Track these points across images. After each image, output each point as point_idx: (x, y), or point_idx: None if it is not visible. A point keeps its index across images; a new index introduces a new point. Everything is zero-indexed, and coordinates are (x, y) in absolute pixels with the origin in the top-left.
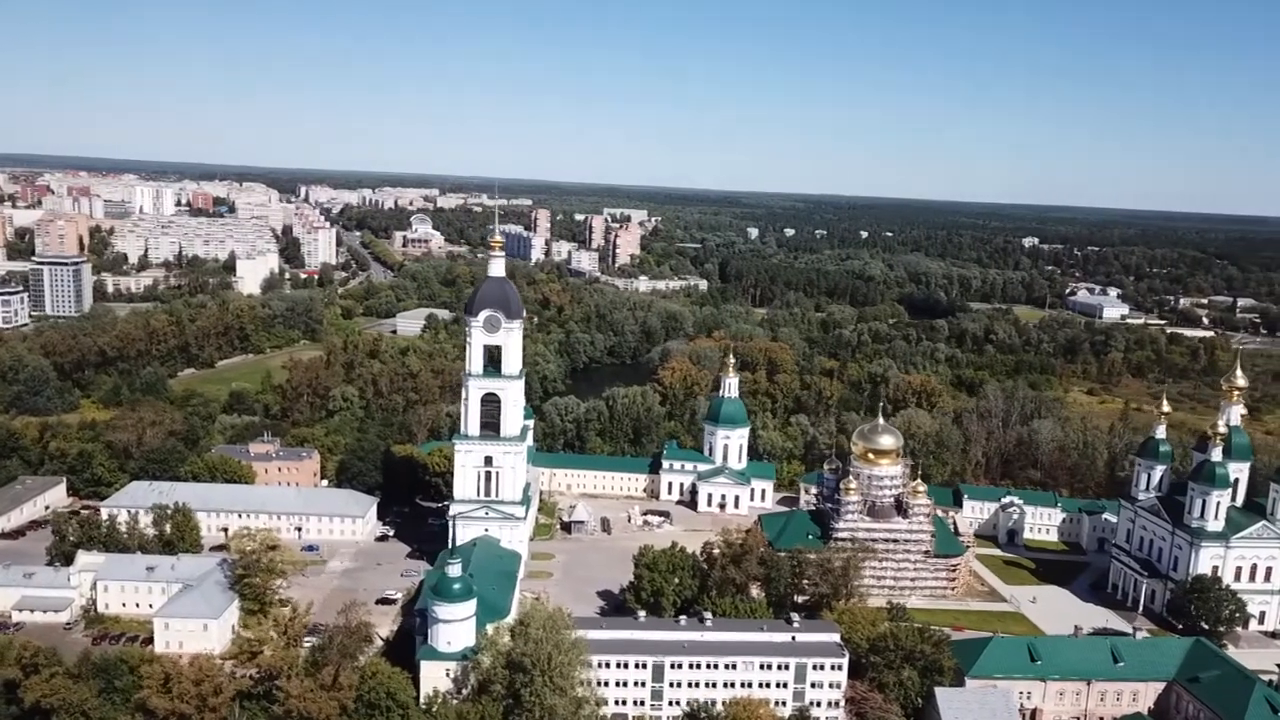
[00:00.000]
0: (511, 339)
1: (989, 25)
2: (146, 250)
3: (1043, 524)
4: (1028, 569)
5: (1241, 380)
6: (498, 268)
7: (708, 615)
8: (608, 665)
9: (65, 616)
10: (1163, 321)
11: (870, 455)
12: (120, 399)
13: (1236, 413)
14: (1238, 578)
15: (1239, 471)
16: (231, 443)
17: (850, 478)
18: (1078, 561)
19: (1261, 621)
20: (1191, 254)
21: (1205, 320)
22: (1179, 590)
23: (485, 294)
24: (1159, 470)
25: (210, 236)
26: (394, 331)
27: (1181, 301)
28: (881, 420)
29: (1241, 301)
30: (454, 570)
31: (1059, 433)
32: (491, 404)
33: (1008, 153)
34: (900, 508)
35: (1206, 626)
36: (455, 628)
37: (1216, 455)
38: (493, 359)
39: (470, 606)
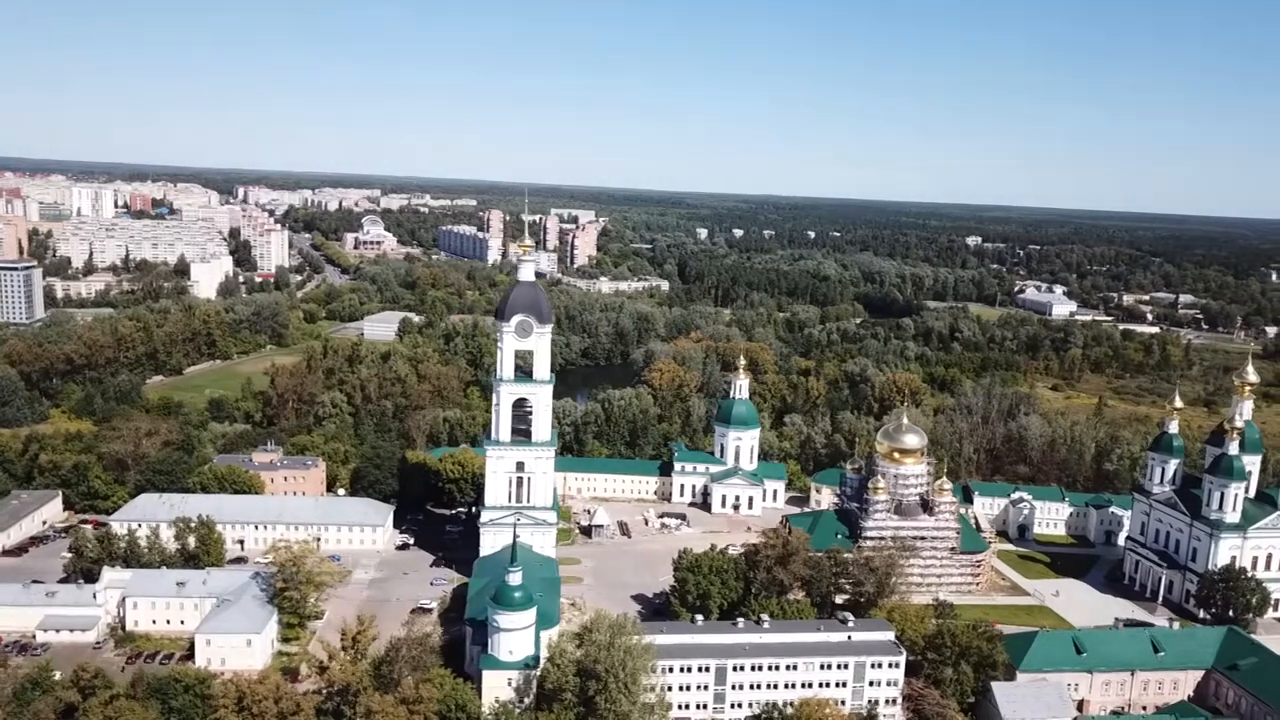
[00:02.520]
0: (543, 344)
1: (919, 29)
2: (92, 254)
3: (1051, 518)
4: (1043, 563)
5: (1253, 376)
6: (528, 272)
7: (765, 617)
8: (671, 670)
9: (93, 636)
10: (1109, 318)
11: (896, 454)
12: (93, 409)
13: (1248, 408)
14: (1253, 567)
15: (1252, 464)
16: (224, 452)
17: (878, 477)
18: (1088, 555)
19: (1275, 609)
20: (1129, 252)
21: (1150, 316)
22: (1206, 580)
23: (517, 299)
24: (1173, 464)
25: (158, 239)
26: (361, 335)
27: (1125, 298)
28: (905, 420)
29: (1183, 298)
30: (515, 578)
31: (1047, 428)
32: (523, 409)
33: (942, 154)
34: (926, 505)
35: (1233, 615)
36: (517, 636)
37: (1234, 449)
38: (523, 364)
39: (531, 615)
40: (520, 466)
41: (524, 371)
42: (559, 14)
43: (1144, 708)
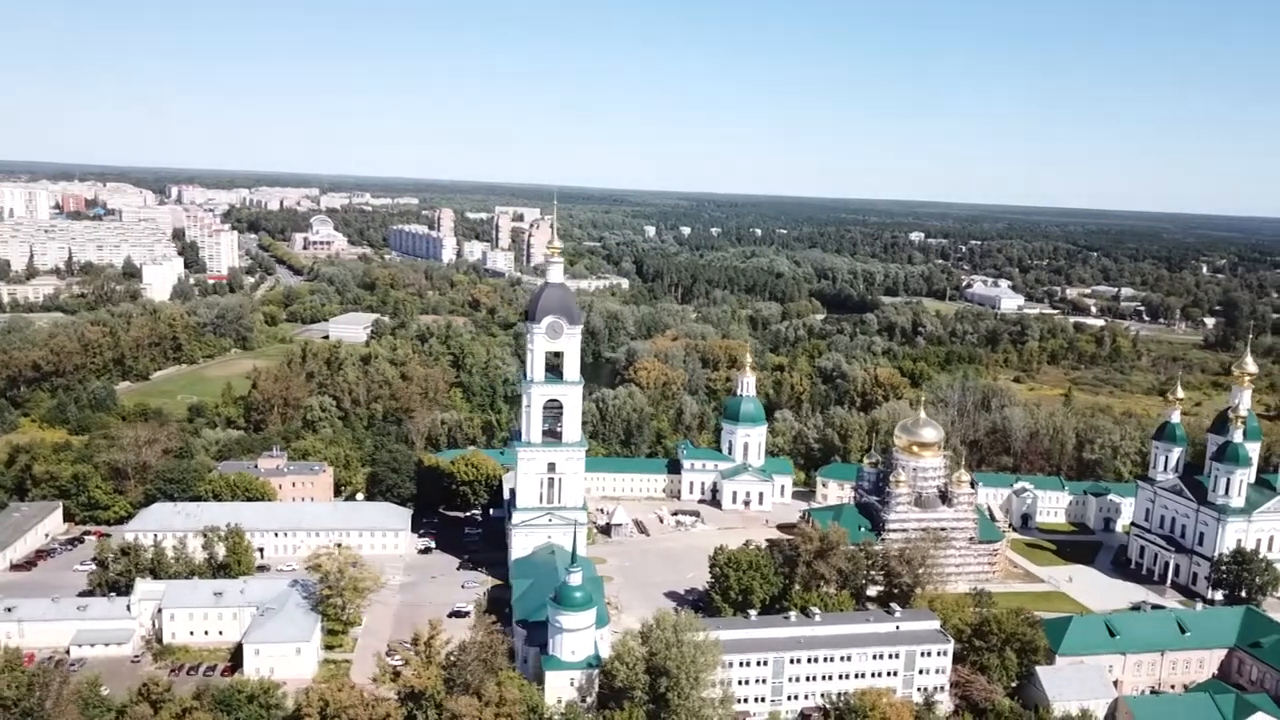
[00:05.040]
0: (573, 345)
1: (851, 28)
2: (32, 256)
3: (1051, 507)
4: (1050, 550)
5: (1252, 366)
6: (556, 274)
7: (815, 611)
8: (730, 664)
9: (129, 649)
10: (1055, 311)
11: (914, 448)
12: (67, 417)
13: (1248, 397)
14: (1257, 549)
15: (1252, 451)
16: (218, 459)
17: (898, 470)
18: (1091, 541)
19: (1277, 588)
20: (1066, 246)
21: (1094, 309)
22: (1220, 562)
23: (548, 300)
24: (1176, 452)
25: (102, 241)
26: (326, 337)
27: (1068, 292)
28: (923, 414)
29: (1124, 291)
30: (576, 579)
31: (1029, 419)
32: (553, 410)
33: (877, 151)
34: (944, 497)
35: (1246, 595)
36: (578, 636)
37: (1238, 436)
38: (553, 365)
39: (592, 615)
40: (551, 467)
41: (555, 373)
42: (490, 8)
43: (1172, 686)
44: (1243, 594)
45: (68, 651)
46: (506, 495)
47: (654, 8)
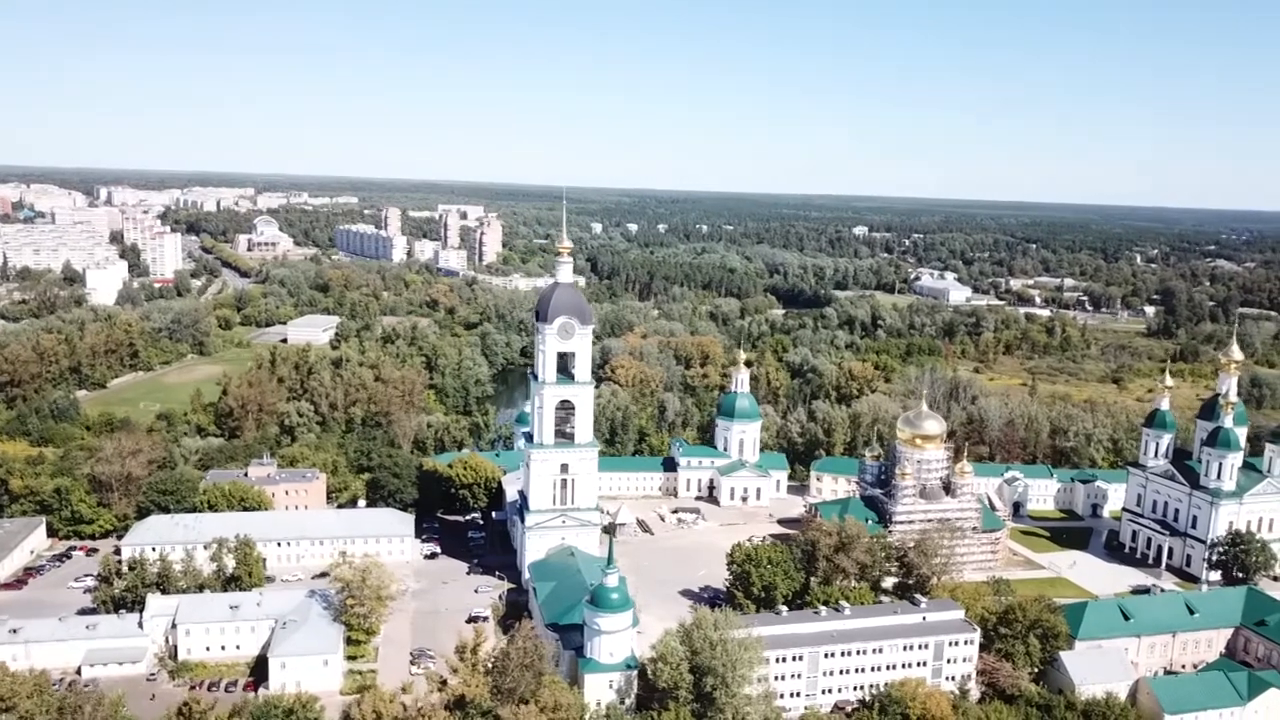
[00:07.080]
0: (584, 345)
1: (778, 21)
2: None
3: (1041, 495)
4: (1045, 537)
5: (1238, 354)
6: (566, 274)
7: (844, 605)
8: (767, 660)
9: (143, 668)
10: (1001, 302)
11: (917, 441)
12: (27, 428)
13: (1235, 383)
14: (1249, 530)
15: (1241, 436)
16: (201, 468)
17: (903, 463)
18: (1082, 527)
19: (1270, 568)
20: (1006, 239)
21: (1038, 300)
22: (1217, 545)
23: (559, 301)
24: (1166, 438)
25: (39, 245)
26: (284, 340)
27: (1012, 283)
28: (925, 407)
29: (1067, 281)
30: (613, 580)
31: (1005, 409)
32: (565, 411)
33: (814, 148)
34: (947, 488)
35: (1242, 576)
36: (617, 638)
37: (1228, 422)
38: (564, 365)
39: (629, 616)
40: (564, 468)
41: (567, 373)
42: (420, 4)
43: (1183, 666)
44: (1238, 574)
45: (79, 672)
46: (513, 497)
47: (589, 5)
